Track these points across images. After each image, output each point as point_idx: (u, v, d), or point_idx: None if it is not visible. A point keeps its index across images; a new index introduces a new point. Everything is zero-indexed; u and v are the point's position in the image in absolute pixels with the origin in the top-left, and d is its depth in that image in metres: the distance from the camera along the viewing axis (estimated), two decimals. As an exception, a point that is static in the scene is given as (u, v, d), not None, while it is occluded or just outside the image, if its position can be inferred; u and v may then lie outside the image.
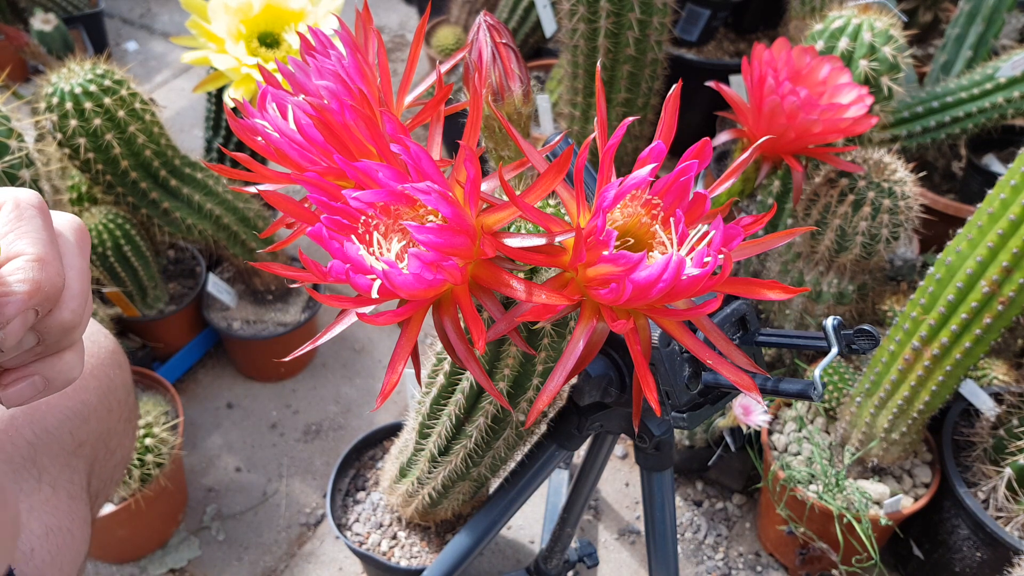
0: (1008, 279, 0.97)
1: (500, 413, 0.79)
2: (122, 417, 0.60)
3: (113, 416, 0.58)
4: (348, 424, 1.64)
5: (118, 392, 0.59)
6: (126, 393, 0.62)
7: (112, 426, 0.58)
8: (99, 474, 0.55)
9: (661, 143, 0.48)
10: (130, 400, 0.63)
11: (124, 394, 0.61)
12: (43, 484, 0.47)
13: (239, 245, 1.51)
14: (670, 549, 0.87)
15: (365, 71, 0.57)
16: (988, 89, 1.51)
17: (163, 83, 2.65)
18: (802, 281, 1.33)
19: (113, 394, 0.58)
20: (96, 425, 0.55)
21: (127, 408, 0.61)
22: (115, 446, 0.58)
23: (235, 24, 1.26)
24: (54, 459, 0.49)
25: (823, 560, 1.25)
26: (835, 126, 1.00)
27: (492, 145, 0.66)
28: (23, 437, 0.47)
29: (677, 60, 1.93)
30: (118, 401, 0.59)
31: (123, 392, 0.61)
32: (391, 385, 0.48)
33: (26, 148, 1.04)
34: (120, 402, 0.60)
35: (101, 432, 0.56)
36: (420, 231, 0.43)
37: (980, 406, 1.22)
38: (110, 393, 0.58)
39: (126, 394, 0.62)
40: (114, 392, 0.59)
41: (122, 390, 0.61)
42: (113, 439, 0.58)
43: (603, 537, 1.45)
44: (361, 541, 1.19)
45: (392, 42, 2.87)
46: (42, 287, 0.35)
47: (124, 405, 0.61)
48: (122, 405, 0.60)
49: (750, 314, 0.62)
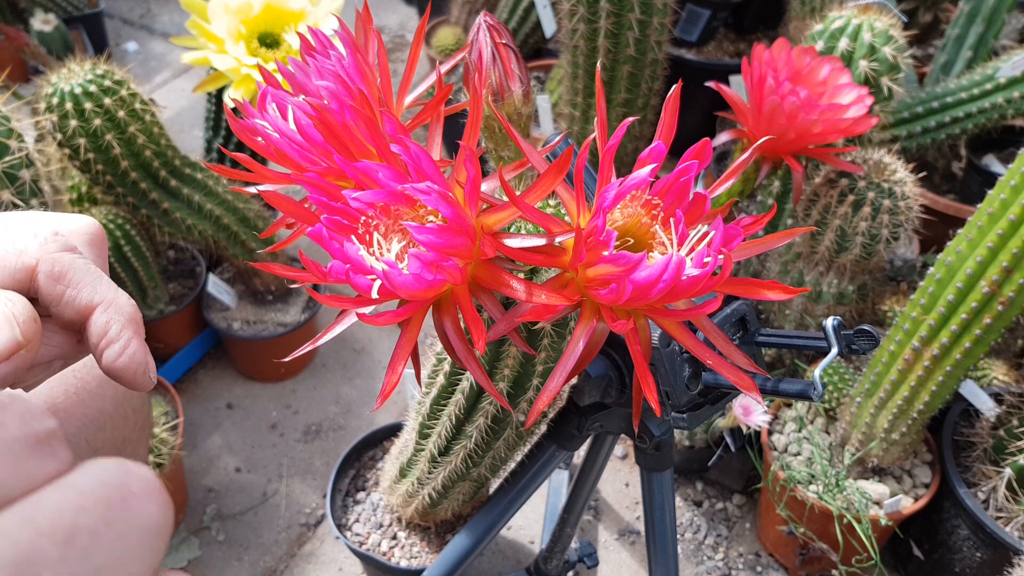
0: (1008, 279, 0.97)
1: (500, 413, 0.79)
2: (137, 425, 0.60)
3: (128, 424, 0.58)
4: (348, 424, 1.64)
5: (133, 400, 0.60)
6: (141, 401, 0.62)
7: (127, 434, 0.58)
8: None
9: (661, 143, 0.48)
10: (145, 408, 0.63)
11: (139, 402, 0.61)
12: None
13: (239, 245, 1.51)
14: (670, 549, 0.87)
15: (365, 71, 0.57)
16: (988, 89, 1.51)
17: (163, 83, 2.65)
18: (802, 281, 1.33)
19: (128, 402, 0.59)
20: (112, 433, 0.55)
21: (142, 416, 0.62)
22: (129, 454, 0.58)
23: (235, 24, 1.26)
24: None
25: (823, 560, 1.25)
26: (835, 126, 1.00)
27: (492, 145, 0.66)
28: None
29: (677, 60, 1.93)
30: (133, 409, 0.59)
31: (138, 400, 0.61)
32: (391, 385, 0.48)
33: (26, 148, 1.04)
34: (135, 410, 0.60)
35: (116, 440, 0.56)
36: (420, 231, 0.43)
37: (980, 406, 1.22)
38: (126, 401, 0.58)
39: (141, 402, 0.62)
40: (129, 400, 0.59)
41: (137, 398, 0.61)
42: (128, 447, 0.58)
43: (603, 537, 1.45)
44: (361, 541, 1.19)
45: (392, 42, 2.87)
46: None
47: (139, 413, 0.61)
48: (137, 413, 0.60)
49: (750, 314, 0.62)
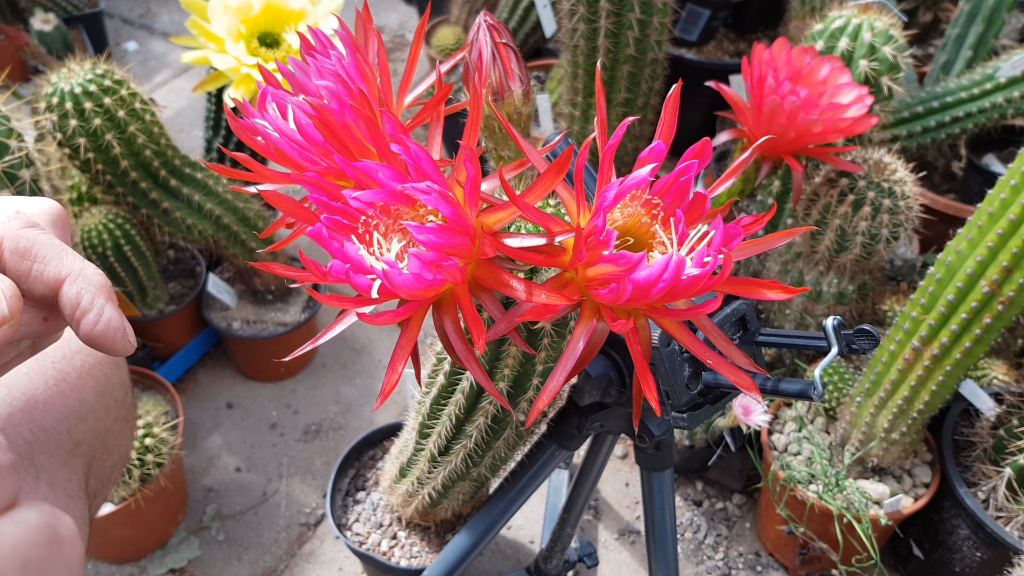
0: (1008, 279, 0.97)
1: (500, 413, 0.79)
2: (119, 416, 0.60)
3: (111, 415, 0.58)
4: (348, 424, 1.64)
5: (115, 391, 0.59)
6: (123, 392, 0.61)
7: (109, 425, 0.58)
8: (97, 473, 0.55)
9: (661, 143, 0.48)
10: (127, 399, 0.63)
11: (121, 393, 0.61)
12: (41, 483, 0.47)
13: (239, 245, 1.51)
14: (670, 549, 0.87)
15: (365, 71, 0.57)
16: (988, 89, 1.51)
17: (163, 83, 2.65)
18: (802, 281, 1.33)
19: (110, 393, 0.58)
20: (93, 424, 0.55)
21: (124, 407, 0.61)
22: (113, 445, 0.58)
23: (235, 24, 1.26)
24: (52, 458, 0.49)
25: (823, 560, 1.25)
26: (835, 126, 1.00)
27: (492, 145, 0.66)
28: (21, 436, 0.47)
29: (677, 60, 1.93)
30: (115, 400, 0.59)
31: (120, 391, 0.61)
32: (391, 385, 0.48)
33: (26, 148, 1.04)
34: (117, 401, 0.59)
35: (99, 431, 0.55)
36: (420, 231, 0.43)
37: (980, 406, 1.22)
38: (107, 392, 0.58)
39: (123, 393, 0.61)
40: (111, 391, 0.58)
41: (119, 389, 0.60)
42: (111, 438, 0.58)
43: (603, 537, 1.45)
44: (361, 541, 1.19)
45: (392, 42, 2.87)
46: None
47: (122, 404, 0.60)
48: (119, 404, 0.60)
49: (750, 314, 0.62)
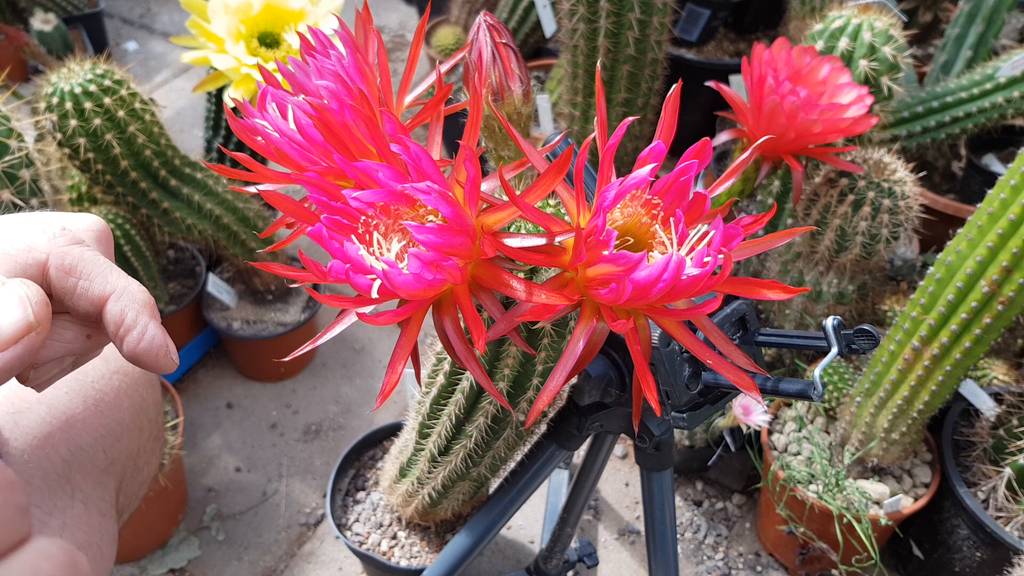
0: (1008, 279, 0.97)
1: (500, 413, 0.79)
2: (152, 436, 0.60)
3: (144, 435, 0.58)
4: (348, 424, 1.64)
5: (149, 411, 0.60)
6: (156, 412, 0.62)
7: (142, 444, 0.58)
8: (126, 491, 0.56)
9: (661, 143, 0.48)
10: (160, 419, 0.63)
11: (155, 413, 0.62)
12: (76, 501, 0.47)
13: (239, 245, 1.51)
14: (670, 549, 0.87)
15: (365, 71, 0.57)
16: (988, 89, 1.51)
17: (163, 83, 2.65)
18: (802, 281, 1.33)
19: (144, 413, 0.59)
20: (128, 444, 0.55)
21: (157, 427, 0.62)
22: (143, 464, 0.59)
23: (235, 24, 1.26)
24: (87, 476, 0.49)
25: (823, 560, 1.25)
26: (835, 126, 1.00)
27: (492, 145, 0.66)
28: (59, 454, 0.48)
29: (677, 60, 1.93)
30: (149, 420, 0.59)
31: (154, 411, 0.61)
32: (391, 385, 0.48)
33: (26, 148, 1.04)
34: (151, 421, 0.60)
35: (132, 451, 0.56)
36: (420, 231, 0.43)
37: (980, 406, 1.22)
38: (142, 412, 0.58)
39: (156, 413, 0.62)
40: (146, 411, 0.59)
41: (153, 409, 0.61)
42: (142, 457, 0.58)
43: (603, 537, 1.45)
44: (361, 541, 1.19)
45: (392, 42, 2.87)
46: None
47: (154, 424, 0.61)
48: (152, 424, 0.60)
49: (750, 314, 0.62)
